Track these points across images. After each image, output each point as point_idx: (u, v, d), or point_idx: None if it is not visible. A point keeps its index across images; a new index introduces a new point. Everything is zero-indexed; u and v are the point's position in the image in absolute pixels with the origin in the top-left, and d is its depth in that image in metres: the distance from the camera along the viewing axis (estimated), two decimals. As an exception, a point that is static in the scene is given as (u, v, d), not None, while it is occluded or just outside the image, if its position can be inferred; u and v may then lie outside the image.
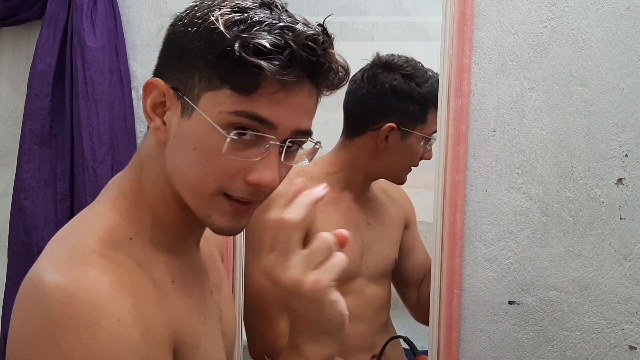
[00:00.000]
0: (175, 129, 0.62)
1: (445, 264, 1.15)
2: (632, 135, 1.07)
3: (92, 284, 0.56)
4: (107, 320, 0.55)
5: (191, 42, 0.61)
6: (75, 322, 0.54)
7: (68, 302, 0.55)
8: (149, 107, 0.64)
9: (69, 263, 0.59)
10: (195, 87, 0.61)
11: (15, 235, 1.36)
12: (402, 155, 1.24)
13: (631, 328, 1.09)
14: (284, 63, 0.58)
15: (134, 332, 0.56)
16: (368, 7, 1.47)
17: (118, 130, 1.34)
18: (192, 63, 0.61)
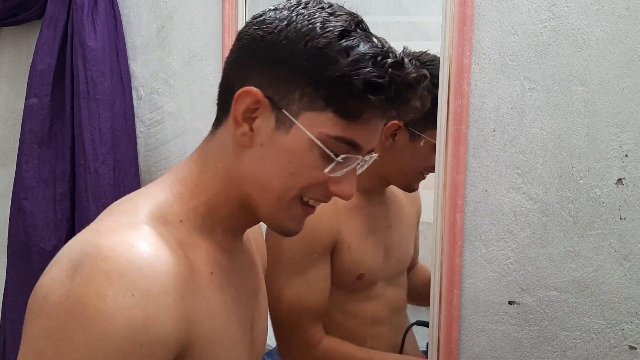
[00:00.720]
0: (266, 138, 0.65)
1: (445, 264, 1.15)
2: (632, 135, 1.07)
3: (126, 250, 0.57)
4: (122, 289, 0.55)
5: (296, 58, 0.63)
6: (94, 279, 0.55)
7: (97, 259, 0.55)
8: (240, 113, 0.65)
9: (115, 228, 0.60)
10: (294, 103, 0.64)
11: (15, 235, 1.36)
12: (410, 157, 1.20)
13: (631, 328, 1.09)
14: (389, 99, 0.63)
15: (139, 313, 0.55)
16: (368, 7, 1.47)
17: (119, 130, 1.34)
18: (295, 79, 0.63)
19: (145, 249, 0.57)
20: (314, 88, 0.63)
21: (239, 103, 0.65)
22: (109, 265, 0.55)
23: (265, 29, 0.65)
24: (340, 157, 0.65)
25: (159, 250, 0.58)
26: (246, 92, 0.65)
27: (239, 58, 0.68)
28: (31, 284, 1.37)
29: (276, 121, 0.65)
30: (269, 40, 0.65)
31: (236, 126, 0.66)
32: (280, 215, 0.68)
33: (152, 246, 0.58)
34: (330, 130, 0.64)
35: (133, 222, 0.61)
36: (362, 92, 0.62)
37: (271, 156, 0.66)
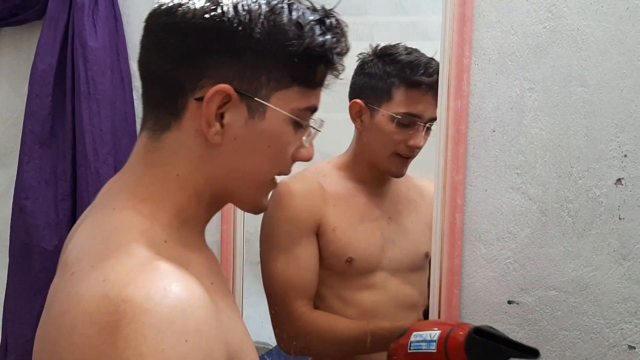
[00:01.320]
0: (240, 130, 0.63)
1: (445, 264, 1.15)
2: (631, 136, 1.07)
3: (164, 296, 0.51)
4: (177, 338, 0.50)
5: (257, 43, 0.61)
6: (144, 336, 0.49)
7: (137, 314, 0.50)
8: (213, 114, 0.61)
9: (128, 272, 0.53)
10: (263, 87, 0.62)
11: (16, 235, 1.36)
12: (376, 136, 1.22)
13: (630, 328, 1.10)
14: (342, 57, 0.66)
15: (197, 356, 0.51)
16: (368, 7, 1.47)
17: (120, 130, 1.34)
18: (259, 64, 0.62)
19: (178, 288, 0.52)
20: (281, 68, 0.62)
21: (211, 104, 0.61)
22: (153, 317, 0.50)
23: (210, 17, 0.61)
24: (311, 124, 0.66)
25: (188, 284, 0.54)
26: (218, 92, 0.61)
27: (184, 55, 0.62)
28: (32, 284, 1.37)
29: (248, 110, 0.62)
30: (221, 28, 0.61)
31: (208, 127, 0.62)
32: (260, 197, 0.69)
33: (181, 282, 0.53)
34: (300, 104, 0.64)
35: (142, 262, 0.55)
36: (327, 59, 0.63)
37: (248, 146, 0.63)
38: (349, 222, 1.22)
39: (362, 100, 1.22)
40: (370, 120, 1.22)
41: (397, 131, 1.19)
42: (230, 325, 0.63)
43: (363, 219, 1.24)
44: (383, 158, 1.24)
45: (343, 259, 1.20)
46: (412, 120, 1.19)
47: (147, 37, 0.67)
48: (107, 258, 0.55)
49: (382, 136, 1.21)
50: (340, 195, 1.23)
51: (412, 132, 1.20)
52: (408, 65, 1.19)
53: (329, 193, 1.22)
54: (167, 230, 0.62)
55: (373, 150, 1.24)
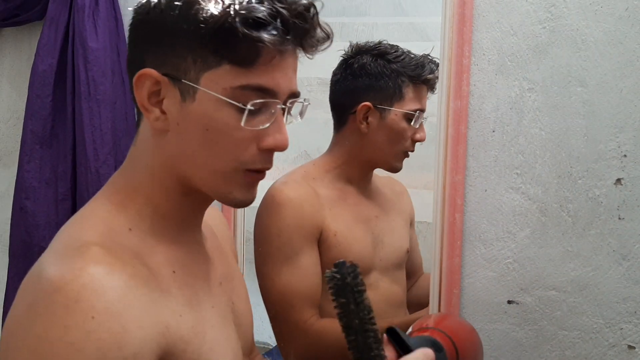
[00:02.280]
0: (178, 115, 0.63)
1: (445, 263, 1.15)
2: (631, 136, 1.07)
3: (77, 276, 0.55)
4: (82, 316, 0.54)
5: (176, 24, 0.61)
6: (52, 313, 0.54)
7: (50, 292, 0.55)
8: (144, 98, 0.64)
9: (63, 254, 0.59)
10: (190, 69, 0.62)
11: (17, 235, 1.36)
12: (387, 135, 1.22)
13: (630, 327, 1.10)
14: (280, 33, 0.60)
15: (105, 334, 0.54)
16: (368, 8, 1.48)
17: (120, 130, 1.35)
18: (181, 46, 0.61)
19: (95, 269, 0.56)
20: (201, 47, 0.60)
21: (139, 89, 0.63)
22: (63, 296, 0.54)
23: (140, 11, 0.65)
24: (249, 105, 0.61)
25: (109, 267, 0.57)
26: (140, 76, 0.63)
27: (130, 49, 0.67)
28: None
29: (181, 94, 0.62)
30: (148, 20, 0.64)
31: (147, 113, 0.64)
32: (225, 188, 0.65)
33: (102, 264, 0.57)
34: (232, 82, 0.61)
35: (79, 245, 0.59)
36: (247, 34, 0.59)
37: (189, 130, 0.63)
38: (346, 224, 1.21)
39: (370, 101, 1.21)
40: (379, 121, 1.21)
41: (408, 128, 1.21)
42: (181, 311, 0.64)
43: (356, 220, 1.23)
44: (390, 156, 1.24)
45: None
46: (420, 115, 1.21)
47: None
48: (58, 242, 0.62)
49: (394, 135, 1.21)
50: (334, 198, 1.21)
51: (417, 127, 1.22)
52: (414, 63, 1.21)
53: (323, 197, 1.20)
54: (134, 218, 0.65)
55: (380, 149, 1.23)
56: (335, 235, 1.18)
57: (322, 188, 1.21)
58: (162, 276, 0.64)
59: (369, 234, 1.23)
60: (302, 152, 1.43)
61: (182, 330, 0.63)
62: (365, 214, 1.26)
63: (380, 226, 1.26)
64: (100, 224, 0.63)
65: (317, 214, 1.18)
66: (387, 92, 1.20)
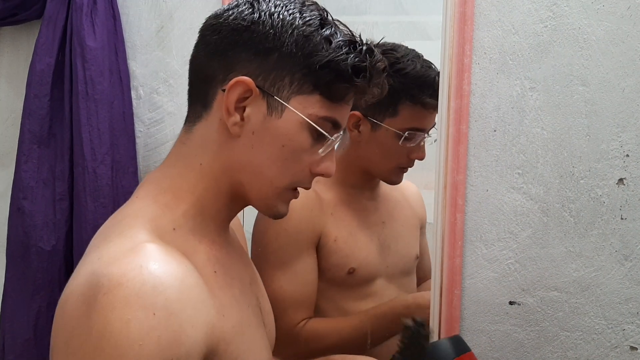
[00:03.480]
0: (258, 126, 0.67)
1: (446, 264, 1.15)
2: (633, 135, 1.07)
3: (137, 274, 0.56)
4: (143, 311, 0.55)
5: (285, 46, 0.66)
6: (113, 307, 0.54)
7: (111, 287, 0.55)
8: (232, 103, 0.66)
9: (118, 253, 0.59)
10: (285, 88, 0.66)
11: (14, 235, 1.35)
12: (377, 149, 1.17)
13: (632, 328, 1.09)
14: (366, 81, 0.69)
15: (164, 331, 0.55)
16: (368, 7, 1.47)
17: (117, 130, 1.34)
18: (284, 66, 0.66)
19: (154, 267, 0.57)
20: (303, 74, 0.66)
21: (231, 93, 0.66)
22: (124, 291, 0.55)
23: (247, 19, 0.67)
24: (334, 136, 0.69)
25: (168, 265, 0.59)
26: (239, 82, 0.66)
27: (219, 50, 0.68)
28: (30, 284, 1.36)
29: (268, 107, 0.66)
30: (255, 30, 0.66)
31: (228, 116, 0.67)
32: (274, 201, 0.71)
33: (160, 262, 0.58)
34: (319, 112, 0.68)
35: (134, 244, 0.60)
36: (349, 76, 0.67)
37: (264, 142, 0.67)
38: (349, 230, 1.18)
39: (361, 111, 1.16)
40: (370, 133, 1.17)
41: (400, 146, 1.16)
42: (224, 311, 0.66)
43: (361, 226, 1.21)
44: (383, 169, 1.20)
45: (345, 270, 1.15)
46: (416, 135, 1.16)
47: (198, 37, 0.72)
48: (109, 241, 0.62)
49: (384, 151, 1.17)
50: (337, 203, 1.18)
51: (415, 146, 1.17)
52: (416, 82, 1.15)
53: (326, 201, 1.17)
54: (179, 219, 0.67)
55: (372, 161, 1.20)
56: (336, 240, 1.16)
57: (326, 192, 1.18)
58: (206, 276, 0.65)
59: (374, 240, 1.21)
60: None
61: (225, 330, 0.65)
62: (371, 219, 1.23)
63: (387, 232, 1.24)
64: (149, 223, 0.64)
65: (317, 219, 1.15)
66: (381, 106, 1.14)
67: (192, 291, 0.60)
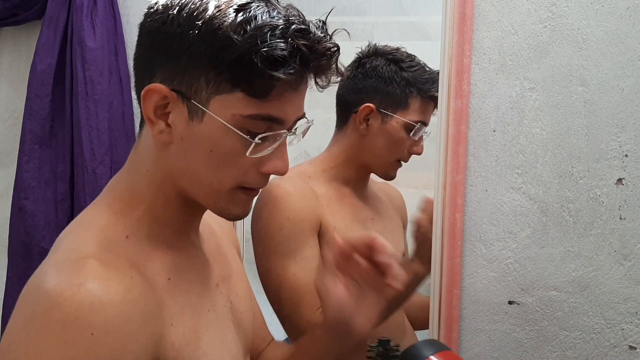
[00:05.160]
0: (183, 131, 0.63)
1: (445, 264, 1.15)
2: (632, 135, 1.07)
3: (75, 293, 0.55)
4: (80, 332, 0.54)
5: (193, 44, 0.60)
6: (50, 329, 0.54)
7: (48, 308, 0.54)
8: (150, 112, 0.63)
9: (62, 267, 0.59)
10: (202, 90, 0.61)
11: (16, 235, 1.36)
12: (384, 142, 1.22)
13: (631, 328, 1.09)
14: (297, 71, 0.60)
15: (104, 350, 0.54)
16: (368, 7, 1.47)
17: (117, 130, 1.34)
18: (196, 66, 0.61)
19: (93, 285, 0.56)
20: (217, 72, 0.60)
21: (147, 102, 0.63)
22: (61, 312, 0.54)
23: (158, 19, 0.62)
24: (257, 138, 0.62)
25: (108, 281, 0.57)
26: (149, 90, 0.62)
27: (141, 55, 0.65)
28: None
29: (189, 112, 0.62)
30: (165, 31, 0.62)
31: (151, 125, 0.63)
32: (223, 204, 0.66)
33: (100, 279, 0.57)
34: (243, 111, 0.61)
35: (77, 258, 0.59)
36: (264, 70, 0.58)
37: (193, 148, 0.63)
38: (344, 222, 1.20)
39: (374, 103, 1.21)
40: (380, 125, 1.22)
41: (407, 138, 1.22)
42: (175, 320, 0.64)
43: (354, 220, 1.23)
44: (384, 163, 1.24)
45: None
46: (421, 128, 1.22)
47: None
48: (57, 252, 0.62)
49: (391, 142, 1.22)
50: (331, 197, 1.21)
51: (416, 140, 1.23)
52: (427, 79, 1.22)
53: (320, 194, 1.19)
54: (134, 226, 0.65)
55: (375, 154, 1.23)
56: (335, 230, 1.17)
57: (319, 187, 1.21)
58: (156, 284, 0.64)
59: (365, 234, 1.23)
60: (302, 152, 1.43)
61: (173, 338, 0.63)
62: (362, 215, 1.25)
63: (377, 228, 1.26)
64: (99, 233, 0.63)
65: (315, 207, 1.17)
66: (394, 98, 1.21)
67: (135, 305, 0.58)
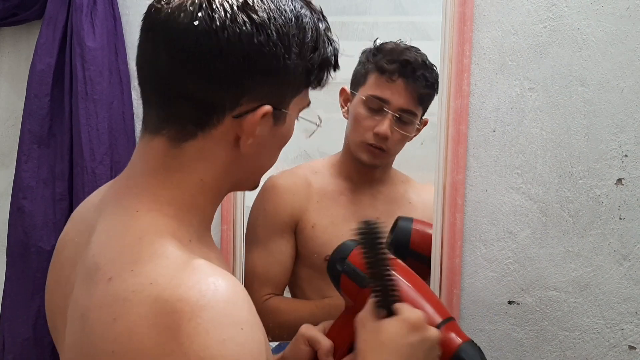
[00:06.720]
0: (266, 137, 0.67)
1: (445, 264, 1.15)
2: (632, 136, 1.07)
3: (215, 291, 0.55)
4: (234, 329, 0.54)
5: (291, 61, 0.64)
6: (206, 331, 0.52)
7: (194, 312, 0.52)
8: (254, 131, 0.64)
9: (172, 272, 0.56)
10: (286, 97, 0.67)
11: (14, 234, 1.36)
12: (351, 121, 1.24)
13: (630, 328, 1.09)
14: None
15: (254, 344, 0.55)
16: (368, 7, 1.47)
17: (117, 130, 1.34)
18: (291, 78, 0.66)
19: (224, 282, 0.56)
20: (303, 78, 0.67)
21: (259, 125, 0.64)
22: (210, 312, 0.53)
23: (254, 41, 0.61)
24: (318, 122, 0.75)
25: (229, 278, 0.58)
26: (266, 114, 0.64)
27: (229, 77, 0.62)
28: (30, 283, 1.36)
29: (274, 119, 0.66)
30: (265, 53, 0.62)
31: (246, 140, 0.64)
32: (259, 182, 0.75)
33: (224, 276, 0.57)
34: (302, 103, 0.70)
35: (182, 262, 0.57)
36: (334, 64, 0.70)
37: (268, 148, 0.69)
38: (331, 219, 1.23)
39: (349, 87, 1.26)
40: (350, 107, 1.26)
41: (366, 116, 1.22)
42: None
43: (348, 217, 1.24)
44: (355, 145, 1.26)
45: (321, 257, 1.20)
46: (379, 105, 1.20)
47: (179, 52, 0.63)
48: (145, 262, 0.58)
49: (354, 121, 1.24)
50: (327, 193, 1.24)
51: (379, 119, 1.20)
52: (383, 51, 1.23)
53: (315, 190, 1.24)
54: (189, 230, 0.65)
55: (349, 137, 1.27)
56: (313, 227, 1.21)
57: (319, 182, 1.25)
58: None
59: None
60: (302, 152, 1.43)
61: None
62: (361, 213, 1.26)
63: None
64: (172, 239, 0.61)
65: (297, 204, 1.22)
66: (357, 77, 1.25)
67: (250, 300, 0.59)
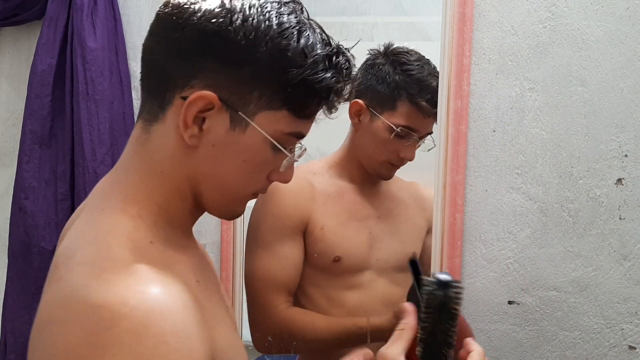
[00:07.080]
0: (219, 139, 0.63)
1: (445, 264, 1.15)
2: (632, 136, 1.07)
3: (140, 300, 0.52)
4: (154, 341, 0.51)
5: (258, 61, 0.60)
6: (121, 342, 0.50)
7: (114, 320, 0.51)
8: (191, 117, 0.61)
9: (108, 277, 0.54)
10: (251, 103, 0.62)
11: (16, 234, 1.36)
12: (370, 140, 1.21)
13: (630, 328, 1.09)
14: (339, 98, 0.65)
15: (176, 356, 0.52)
16: (368, 7, 1.47)
17: (117, 130, 1.34)
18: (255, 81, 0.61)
19: (155, 290, 0.53)
20: (274, 90, 0.62)
21: (192, 107, 0.61)
22: (131, 322, 0.51)
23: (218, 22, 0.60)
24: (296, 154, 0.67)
25: (166, 287, 0.55)
26: (202, 97, 0.60)
27: (181, 51, 0.62)
28: (32, 283, 1.36)
29: (231, 121, 0.62)
30: (226, 38, 0.60)
31: (184, 128, 0.62)
32: (230, 208, 0.69)
33: (159, 285, 0.54)
34: (285, 128, 0.64)
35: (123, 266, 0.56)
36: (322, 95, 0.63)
37: (225, 156, 0.64)
38: (338, 220, 1.22)
39: (364, 101, 1.21)
40: (368, 123, 1.21)
41: (392, 141, 1.18)
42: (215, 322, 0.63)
43: (352, 217, 1.24)
44: (373, 161, 1.23)
45: (330, 258, 1.19)
46: (409, 133, 1.19)
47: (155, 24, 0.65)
48: (90, 263, 0.57)
49: (376, 143, 1.20)
50: (330, 194, 1.23)
51: (407, 144, 1.19)
52: (418, 83, 1.17)
53: (318, 191, 1.21)
54: (152, 230, 0.63)
55: (365, 152, 1.23)
56: (322, 229, 1.20)
57: (322, 183, 1.23)
58: (190, 287, 0.61)
59: (364, 233, 1.23)
60: (302, 152, 1.43)
61: (220, 341, 0.62)
62: (364, 212, 1.25)
63: (381, 227, 1.26)
64: (126, 240, 0.59)
65: (304, 206, 1.20)
66: (382, 98, 1.19)
67: (192, 309, 0.56)
